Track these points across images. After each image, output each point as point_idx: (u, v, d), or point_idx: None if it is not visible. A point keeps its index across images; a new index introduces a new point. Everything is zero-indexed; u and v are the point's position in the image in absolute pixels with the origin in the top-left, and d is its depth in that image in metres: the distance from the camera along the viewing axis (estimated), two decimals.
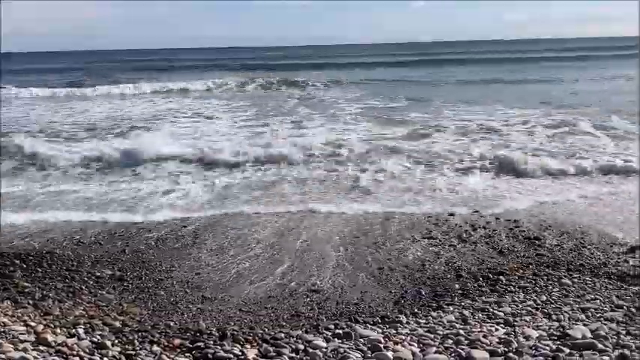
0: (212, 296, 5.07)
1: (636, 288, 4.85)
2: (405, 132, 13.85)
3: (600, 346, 3.55)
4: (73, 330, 4.09)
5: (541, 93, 22.66)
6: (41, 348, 3.74)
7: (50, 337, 3.87)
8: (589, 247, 6.08)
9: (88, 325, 4.19)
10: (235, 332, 4.11)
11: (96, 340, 3.89)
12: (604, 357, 3.39)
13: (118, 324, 4.28)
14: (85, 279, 5.36)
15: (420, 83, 30.03)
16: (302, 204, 8.03)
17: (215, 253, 6.14)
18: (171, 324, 4.36)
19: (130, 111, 20.55)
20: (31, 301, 4.73)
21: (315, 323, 4.34)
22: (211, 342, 3.92)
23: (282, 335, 3.98)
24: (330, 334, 3.96)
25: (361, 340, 3.81)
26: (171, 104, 22.39)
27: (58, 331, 4.07)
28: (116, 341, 3.94)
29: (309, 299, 4.99)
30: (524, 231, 6.64)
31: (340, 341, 3.82)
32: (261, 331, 4.11)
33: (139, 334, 4.09)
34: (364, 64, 47.51)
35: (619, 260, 5.65)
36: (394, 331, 3.99)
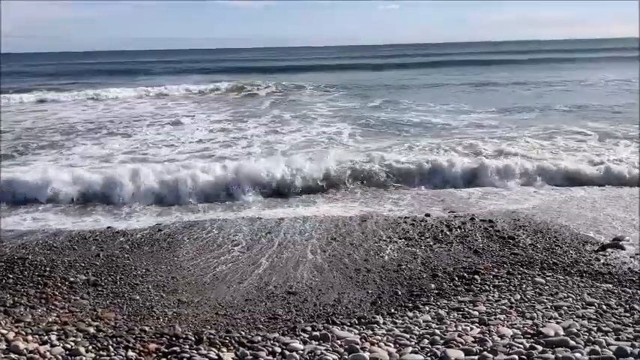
0: (188, 300, 5.03)
1: (607, 285, 4.95)
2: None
3: (572, 343, 3.61)
4: (46, 337, 4.03)
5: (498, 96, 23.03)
6: (12, 356, 3.67)
7: (22, 345, 3.80)
8: (562, 245, 6.18)
9: (61, 332, 4.12)
10: (212, 336, 4.09)
11: (69, 346, 3.84)
12: (576, 354, 3.44)
13: (92, 330, 4.22)
14: (59, 285, 5.27)
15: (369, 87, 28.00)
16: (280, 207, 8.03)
17: (191, 257, 6.09)
18: (147, 329, 4.31)
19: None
20: (1, 308, 4.63)
21: (292, 325, 4.34)
22: (187, 346, 3.89)
23: (259, 338, 3.97)
24: (307, 336, 3.96)
25: (338, 341, 3.81)
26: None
27: (30, 338, 4.00)
28: (90, 347, 3.88)
29: (286, 301, 4.98)
30: (499, 231, 6.72)
31: (317, 343, 3.83)
32: (237, 335, 4.09)
33: (114, 339, 4.04)
34: (329, 67, 45.59)
35: (590, 258, 5.76)
36: (371, 332, 4.01)
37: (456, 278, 5.28)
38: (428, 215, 7.47)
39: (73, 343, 3.89)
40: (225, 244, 6.47)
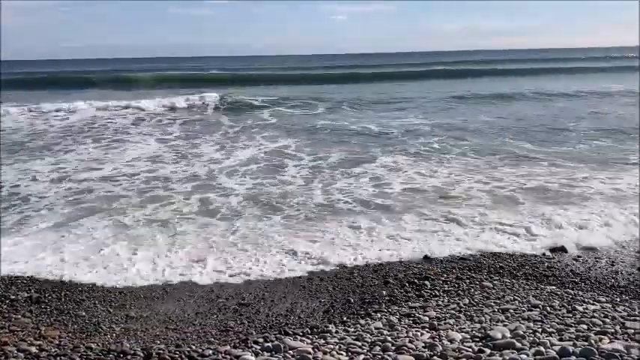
0: (137, 315, 4.90)
1: (551, 287, 5.12)
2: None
3: (518, 344, 3.70)
4: None
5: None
6: None
7: None
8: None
9: (1, 353, 3.94)
10: (161, 351, 3.99)
11: None
12: (522, 355, 3.53)
13: (34, 349, 4.05)
14: None
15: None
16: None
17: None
18: (93, 346, 4.17)
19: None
20: None
21: (244, 337, 4.29)
22: None
23: (210, 352, 3.90)
24: (259, 347, 3.92)
25: (290, 352, 3.79)
26: None
27: None
28: None
29: (238, 313, 4.93)
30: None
31: (269, 354, 3.79)
32: (188, 349, 4.01)
33: (58, 358, 3.89)
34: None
35: (536, 262, 5.95)
36: (323, 341, 4.00)
37: (407, 284, 5.35)
38: None
39: None
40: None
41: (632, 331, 3.86)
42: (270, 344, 3.91)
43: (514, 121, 17.38)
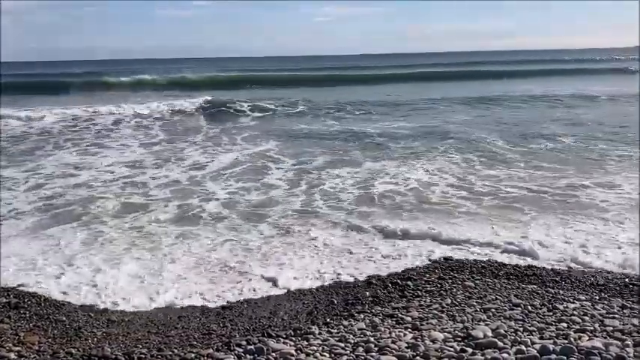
0: (119, 319, 4.86)
1: (532, 286, 5.17)
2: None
3: (500, 344, 3.73)
4: None
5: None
6: None
7: None
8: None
9: None
10: (143, 355, 3.96)
11: None
12: (504, 354, 3.56)
13: (13, 355, 4.00)
14: None
15: None
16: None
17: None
18: (74, 351, 4.12)
19: None
20: None
21: (227, 340, 4.26)
22: None
23: (192, 355, 3.88)
24: (241, 350, 3.90)
25: (273, 354, 3.78)
26: None
27: None
28: None
29: (221, 316, 4.91)
30: None
31: (252, 357, 3.78)
32: (170, 352, 3.98)
33: None
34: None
35: (518, 261, 6.00)
36: (306, 343, 4.00)
37: (390, 285, 5.36)
38: None
39: None
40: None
41: (611, 328, 3.92)
42: (252, 347, 3.90)
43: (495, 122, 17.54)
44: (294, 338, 4.17)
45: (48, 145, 14.44)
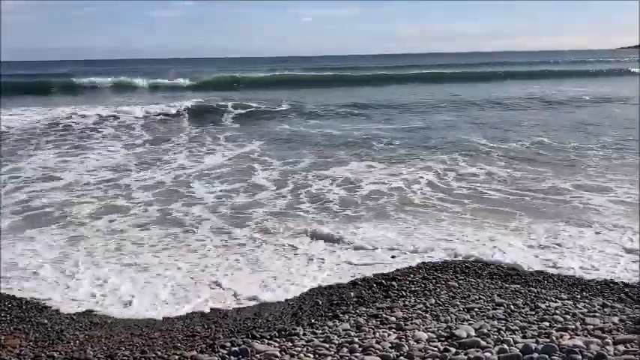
0: (101, 321, 4.82)
1: (515, 286, 5.21)
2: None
3: (483, 343, 3.75)
4: None
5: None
6: None
7: None
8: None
9: None
10: (126, 357, 3.94)
11: None
12: (486, 353, 3.59)
13: None
14: None
15: None
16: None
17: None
18: (56, 354, 4.09)
19: None
20: None
21: (211, 342, 4.24)
22: None
23: (176, 357, 3.86)
24: (226, 352, 3.89)
25: (257, 355, 3.77)
26: None
27: None
28: None
29: (205, 318, 4.89)
30: None
31: (236, 358, 3.76)
32: (153, 355, 3.96)
33: None
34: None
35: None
36: (291, 344, 3.99)
37: (375, 285, 5.38)
38: None
39: None
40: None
41: (592, 327, 3.97)
42: (237, 348, 3.89)
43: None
44: (278, 339, 4.17)
45: (29, 146, 14.24)
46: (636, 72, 42.30)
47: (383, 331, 4.14)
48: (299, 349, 3.89)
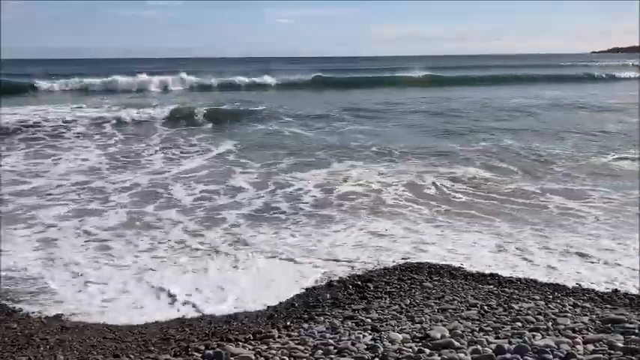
0: (73, 325, 4.74)
1: (489, 287, 5.27)
2: None
3: (457, 344, 3.78)
4: None
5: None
6: None
7: None
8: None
9: None
10: None
11: None
12: (460, 354, 3.61)
13: None
14: None
15: None
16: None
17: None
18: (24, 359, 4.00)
19: None
20: None
21: (185, 345, 4.20)
22: None
23: None
24: (200, 355, 3.85)
25: (232, 358, 3.74)
26: None
27: None
28: None
29: (179, 321, 4.84)
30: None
31: None
32: (126, 359, 3.91)
33: None
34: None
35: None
36: (265, 347, 3.97)
37: (351, 287, 5.39)
38: None
39: None
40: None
41: (563, 326, 4.02)
42: (211, 352, 3.85)
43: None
44: (253, 342, 4.15)
45: None
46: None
47: (358, 333, 4.15)
48: (274, 351, 3.87)
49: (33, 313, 4.97)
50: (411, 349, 3.75)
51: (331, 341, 3.97)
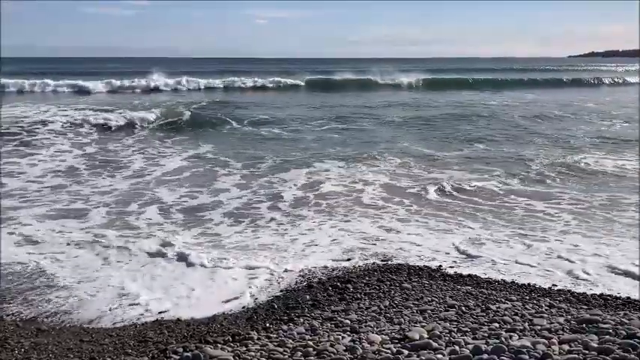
0: (49, 328, 4.67)
1: (467, 288, 5.32)
2: None
3: (435, 345, 3.81)
4: None
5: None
6: None
7: None
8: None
9: None
10: None
11: None
12: (438, 355, 3.64)
13: None
14: None
15: None
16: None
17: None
18: None
19: None
20: None
21: (163, 348, 4.17)
22: None
23: None
24: (178, 357, 3.82)
25: None
26: None
27: None
28: None
29: (158, 323, 4.80)
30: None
31: None
32: None
33: None
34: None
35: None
36: (245, 349, 3.96)
37: (330, 288, 5.39)
38: None
39: None
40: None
41: (539, 327, 4.08)
42: (189, 354, 3.83)
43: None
44: (232, 344, 4.13)
45: None
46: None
47: (337, 334, 4.15)
48: (253, 353, 3.86)
49: (7, 315, 4.87)
50: (389, 351, 3.76)
51: (310, 343, 3.97)
